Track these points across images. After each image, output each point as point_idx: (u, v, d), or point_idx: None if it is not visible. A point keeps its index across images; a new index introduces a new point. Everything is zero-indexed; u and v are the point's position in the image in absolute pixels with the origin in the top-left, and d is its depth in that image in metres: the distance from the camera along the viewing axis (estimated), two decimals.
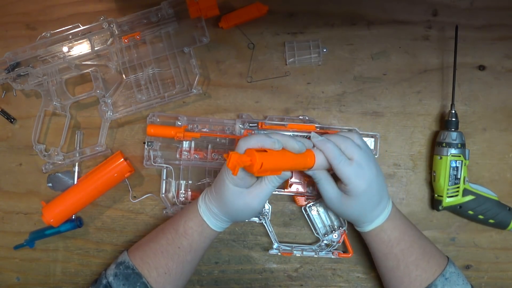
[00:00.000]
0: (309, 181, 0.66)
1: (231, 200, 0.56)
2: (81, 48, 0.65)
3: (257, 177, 0.56)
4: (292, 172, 0.64)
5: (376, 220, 0.59)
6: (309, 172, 0.57)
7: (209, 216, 0.59)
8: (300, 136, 0.63)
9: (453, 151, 0.65)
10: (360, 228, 0.61)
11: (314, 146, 0.57)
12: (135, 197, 0.69)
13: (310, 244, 0.69)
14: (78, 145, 0.68)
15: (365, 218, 0.59)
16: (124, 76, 0.66)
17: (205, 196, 0.59)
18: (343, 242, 0.67)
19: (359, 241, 0.69)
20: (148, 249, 0.59)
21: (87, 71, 0.66)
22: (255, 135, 0.55)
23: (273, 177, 0.55)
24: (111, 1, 0.68)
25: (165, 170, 0.67)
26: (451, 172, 0.65)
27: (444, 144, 0.65)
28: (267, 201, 0.67)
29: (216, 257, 0.69)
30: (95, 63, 0.66)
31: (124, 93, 0.67)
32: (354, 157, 0.55)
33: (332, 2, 0.69)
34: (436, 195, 0.67)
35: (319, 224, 0.67)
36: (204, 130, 0.66)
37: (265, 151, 0.52)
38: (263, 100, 0.69)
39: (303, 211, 0.67)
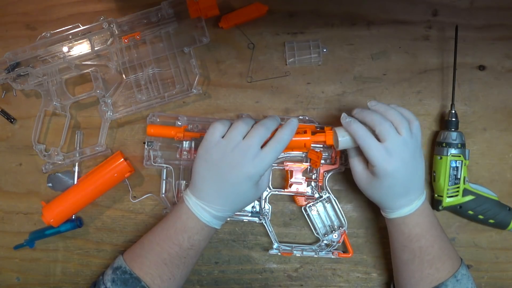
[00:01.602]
0: (309, 181, 0.67)
1: (252, 197, 0.59)
2: (81, 48, 0.65)
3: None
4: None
5: (399, 211, 0.58)
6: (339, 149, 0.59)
7: (218, 223, 0.59)
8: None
9: (453, 151, 0.65)
10: (383, 213, 0.61)
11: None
12: (135, 197, 0.69)
13: (310, 244, 0.69)
14: (78, 145, 0.68)
15: (387, 205, 0.59)
16: (124, 76, 0.66)
17: (207, 209, 0.57)
18: (343, 242, 0.67)
19: (359, 241, 0.69)
20: (147, 261, 0.58)
21: (87, 71, 0.66)
22: (259, 126, 0.56)
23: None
24: (111, 1, 0.68)
25: (165, 170, 0.67)
26: (451, 172, 0.65)
27: (444, 144, 0.65)
28: (267, 201, 0.67)
29: (216, 257, 0.69)
30: (95, 63, 0.66)
31: (124, 93, 0.67)
32: (386, 140, 0.55)
33: (332, 2, 0.69)
34: (436, 195, 0.67)
35: (319, 224, 0.67)
36: (204, 130, 0.65)
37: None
38: (263, 100, 0.69)
39: (303, 211, 0.67)
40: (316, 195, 0.67)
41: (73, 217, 0.68)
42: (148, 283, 0.57)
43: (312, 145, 0.62)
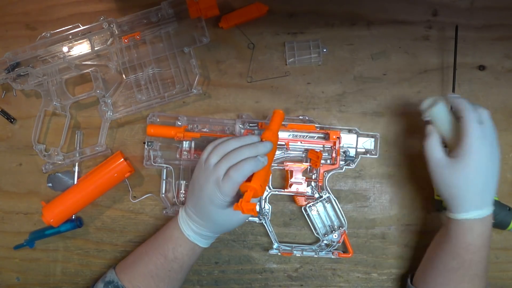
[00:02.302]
0: (309, 181, 0.67)
1: (224, 222, 0.58)
2: (81, 48, 0.65)
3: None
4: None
5: (472, 212, 0.56)
6: (428, 118, 0.59)
7: (201, 240, 0.60)
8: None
9: None
10: (453, 213, 0.57)
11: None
12: (135, 197, 0.69)
13: (310, 244, 0.69)
14: (78, 145, 0.68)
15: (463, 199, 0.56)
16: (124, 76, 0.66)
17: (189, 223, 0.59)
18: (343, 242, 0.67)
19: (359, 241, 0.69)
20: (136, 273, 0.60)
21: (87, 71, 0.66)
22: (240, 165, 0.54)
23: None
24: (111, 1, 0.68)
25: (165, 170, 0.67)
26: None
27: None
28: (267, 201, 0.67)
29: (216, 257, 0.69)
30: (95, 63, 0.66)
31: (124, 93, 0.67)
32: (484, 124, 0.56)
33: (332, 2, 0.69)
34: (436, 196, 0.67)
35: (319, 224, 0.67)
36: (204, 130, 0.66)
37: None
38: (263, 100, 0.69)
39: (303, 211, 0.67)
40: (316, 195, 0.67)
41: (73, 217, 0.68)
42: None
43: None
